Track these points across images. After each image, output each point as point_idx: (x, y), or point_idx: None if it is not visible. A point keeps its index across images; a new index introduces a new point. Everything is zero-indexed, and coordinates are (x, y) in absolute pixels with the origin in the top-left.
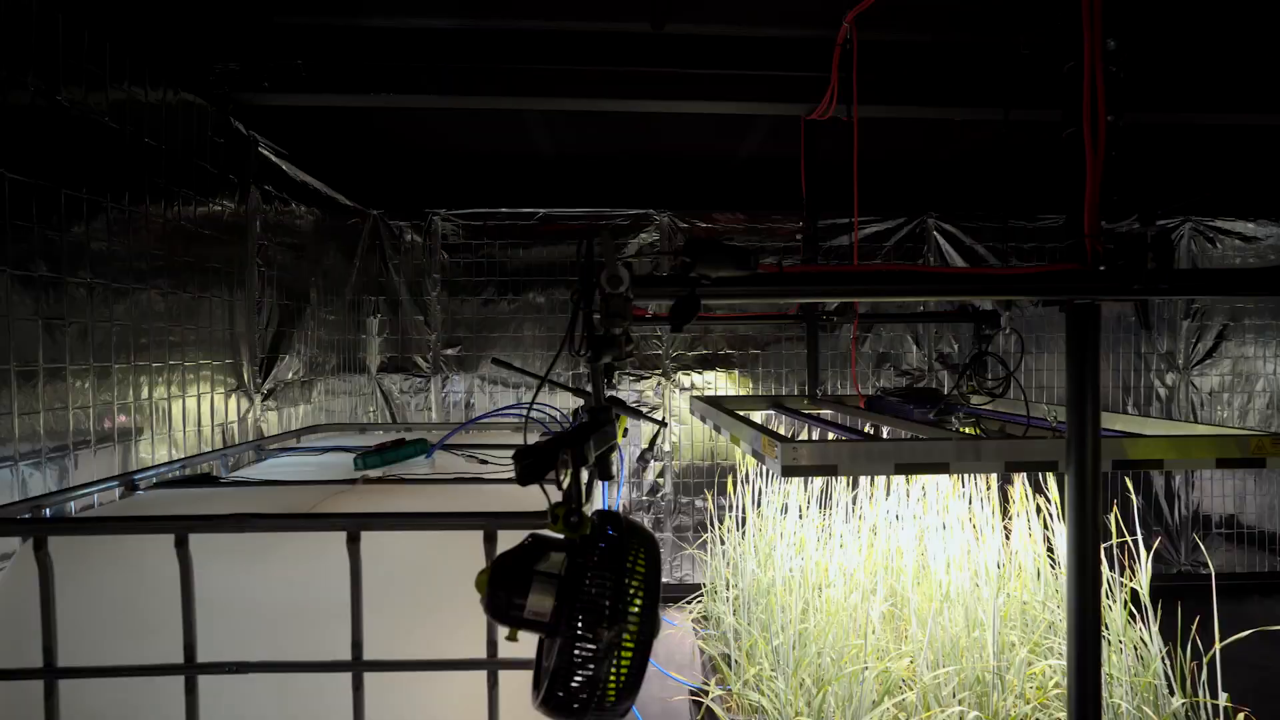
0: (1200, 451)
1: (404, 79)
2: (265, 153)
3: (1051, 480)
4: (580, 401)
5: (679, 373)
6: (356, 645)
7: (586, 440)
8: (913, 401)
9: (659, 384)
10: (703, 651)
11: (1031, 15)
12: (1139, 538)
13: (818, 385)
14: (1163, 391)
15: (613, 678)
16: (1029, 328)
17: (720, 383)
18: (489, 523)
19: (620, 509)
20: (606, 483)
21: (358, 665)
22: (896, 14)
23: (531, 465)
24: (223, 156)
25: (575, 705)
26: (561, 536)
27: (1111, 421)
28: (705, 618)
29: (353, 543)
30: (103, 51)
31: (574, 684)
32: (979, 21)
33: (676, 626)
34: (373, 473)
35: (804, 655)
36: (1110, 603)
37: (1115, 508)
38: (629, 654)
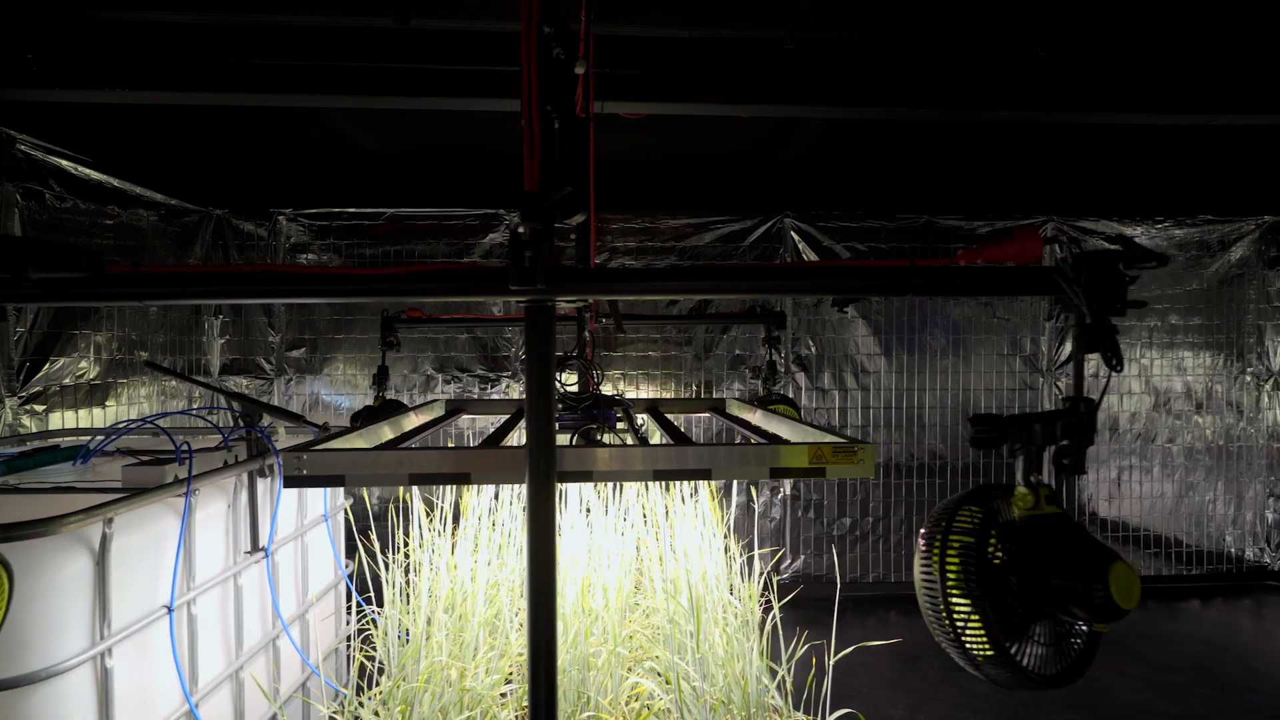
0: (753, 461)
1: (141, 74)
2: (30, 150)
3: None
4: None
5: None
6: None
7: None
8: (572, 409)
9: (507, 386)
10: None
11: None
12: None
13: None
14: (1028, 394)
15: None
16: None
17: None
18: None
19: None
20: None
21: None
22: (655, 9)
23: None
24: None
25: None
26: None
27: (768, 424)
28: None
29: None
30: None
31: None
32: (734, 17)
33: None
34: None
35: (424, 672)
36: (729, 616)
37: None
38: None
